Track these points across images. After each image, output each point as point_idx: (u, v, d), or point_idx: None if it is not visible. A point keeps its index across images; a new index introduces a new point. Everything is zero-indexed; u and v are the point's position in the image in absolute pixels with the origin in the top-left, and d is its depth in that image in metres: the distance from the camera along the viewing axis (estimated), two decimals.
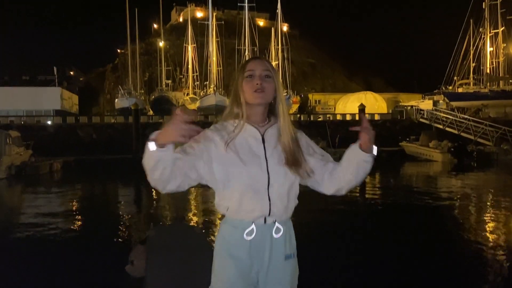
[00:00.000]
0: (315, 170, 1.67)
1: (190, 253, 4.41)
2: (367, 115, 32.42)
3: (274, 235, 1.63)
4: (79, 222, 9.36)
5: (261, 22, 72.17)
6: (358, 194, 13.66)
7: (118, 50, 68.81)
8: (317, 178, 1.69)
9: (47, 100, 43.53)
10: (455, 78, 43.63)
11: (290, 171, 1.62)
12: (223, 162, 1.58)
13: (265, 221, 1.61)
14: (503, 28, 43.21)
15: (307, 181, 1.69)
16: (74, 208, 11.51)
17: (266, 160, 1.61)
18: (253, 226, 1.61)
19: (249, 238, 1.61)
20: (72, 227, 8.81)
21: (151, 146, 1.42)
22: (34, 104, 41.99)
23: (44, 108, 42.21)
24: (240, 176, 1.58)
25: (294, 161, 1.62)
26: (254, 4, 46.55)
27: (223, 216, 1.68)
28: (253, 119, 1.66)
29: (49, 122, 32.86)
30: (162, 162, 1.45)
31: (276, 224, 1.63)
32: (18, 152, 18.90)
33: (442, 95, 42.05)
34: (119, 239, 7.54)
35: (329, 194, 1.73)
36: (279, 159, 1.62)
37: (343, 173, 1.65)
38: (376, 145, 1.59)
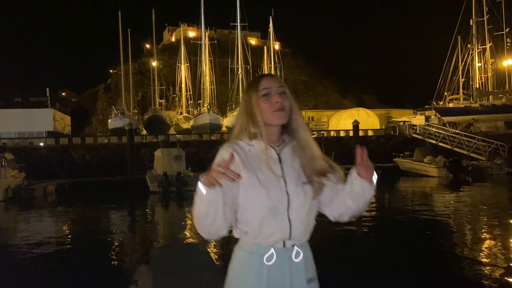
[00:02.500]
0: (326, 188, 1.60)
1: (195, 270, 4.36)
2: (360, 132, 32.59)
3: (294, 259, 1.54)
4: (80, 245, 9.24)
5: (253, 41, 73.01)
6: None
7: (111, 71, 68.99)
8: (324, 198, 1.61)
9: (40, 122, 43.28)
10: (445, 93, 44.25)
11: (310, 187, 1.55)
12: (244, 185, 1.51)
13: (284, 245, 1.53)
14: (490, 44, 44.11)
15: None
16: (73, 231, 11.41)
17: (285, 180, 1.54)
18: (272, 250, 1.52)
19: (269, 263, 1.52)
20: (73, 250, 8.69)
21: (202, 188, 1.40)
22: (27, 126, 41.71)
23: (36, 129, 41.93)
24: (260, 198, 1.50)
25: (320, 170, 1.56)
26: (246, 24, 47.16)
27: (237, 241, 1.60)
28: (270, 139, 1.59)
29: (41, 144, 32.59)
30: (214, 204, 1.42)
31: (295, 248, 1.55)
32: (14, 175, 18.77)
33: (434, 111, 42.55)
34: (118, 261, 7.43)
35: (332, 220, 1.65)
36: (297, 178, 1.55)
37: (345, 198, 1.58)
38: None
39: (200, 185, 1.41)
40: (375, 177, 1.53)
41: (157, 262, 4.74)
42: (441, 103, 43.75)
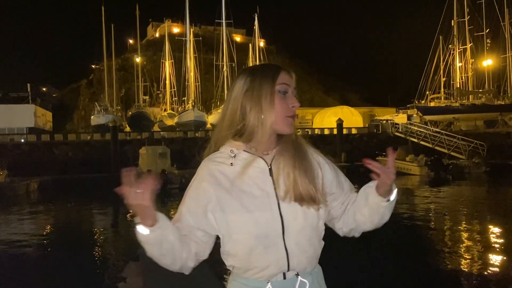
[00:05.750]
0: (334, 202, 1.33)
1: None
2: (344, 130, 32.94)
3: None
4: (65, 243, 9.21)
5: (238, 38, 72.86)
6: None
7: (93, 66, 68.04)
8: (334, 213, 1.35)
9: (21, 118, 42.46)
10: (427, 92, 45.01)
11: (311, 204, 1.22)
12: (222, 209, 1.19)
13: (284, 277, 1.22)
14: (471, 44, 44.99)
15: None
16: (58, 229, 11.33)
17: (277, 198, 1.20)
18: (269, 286, 1.21)
19: None
20: (59, 248, 8.67)
21: (142, 230, 1.11)
22: (7, 122, 40.87)
23: (17, 125, 41.15)
24: (245, 226, 1.18)
25: (304, 194, 1.22)
26: (232, 21, 47.06)
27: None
28: (261, 148, 1.26)
29: (22, 140, 32.02)
30: (166, 240, 1.14)
31: (299, 278, 1.23)
32: None
33: (416, 109, 43.21)
34: (105, 259, 7.46)
35: (341, 234, 1.38)
36: (293, 194, 1.22)
37: (356, 213, 1.31)
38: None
39: (139, 228, 1.12)
40: (393, 195, 1.27)
41: (147, 259, 4.79)
42: (423, 102, 44.50)
